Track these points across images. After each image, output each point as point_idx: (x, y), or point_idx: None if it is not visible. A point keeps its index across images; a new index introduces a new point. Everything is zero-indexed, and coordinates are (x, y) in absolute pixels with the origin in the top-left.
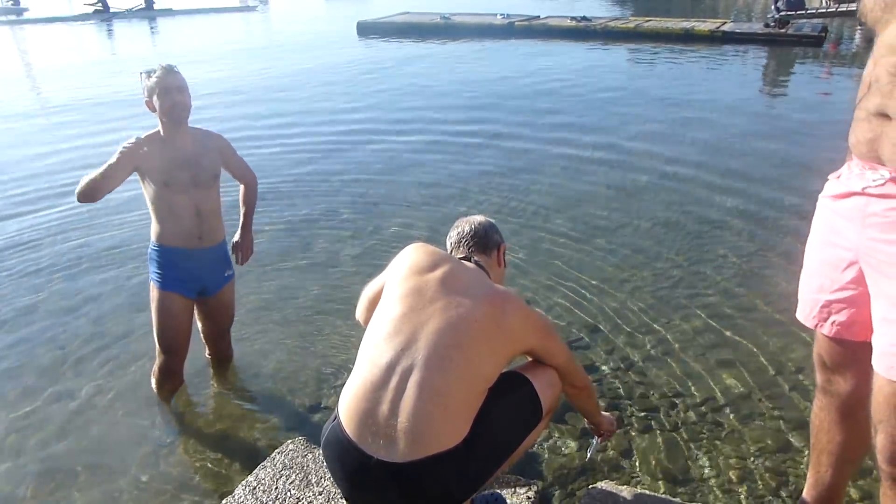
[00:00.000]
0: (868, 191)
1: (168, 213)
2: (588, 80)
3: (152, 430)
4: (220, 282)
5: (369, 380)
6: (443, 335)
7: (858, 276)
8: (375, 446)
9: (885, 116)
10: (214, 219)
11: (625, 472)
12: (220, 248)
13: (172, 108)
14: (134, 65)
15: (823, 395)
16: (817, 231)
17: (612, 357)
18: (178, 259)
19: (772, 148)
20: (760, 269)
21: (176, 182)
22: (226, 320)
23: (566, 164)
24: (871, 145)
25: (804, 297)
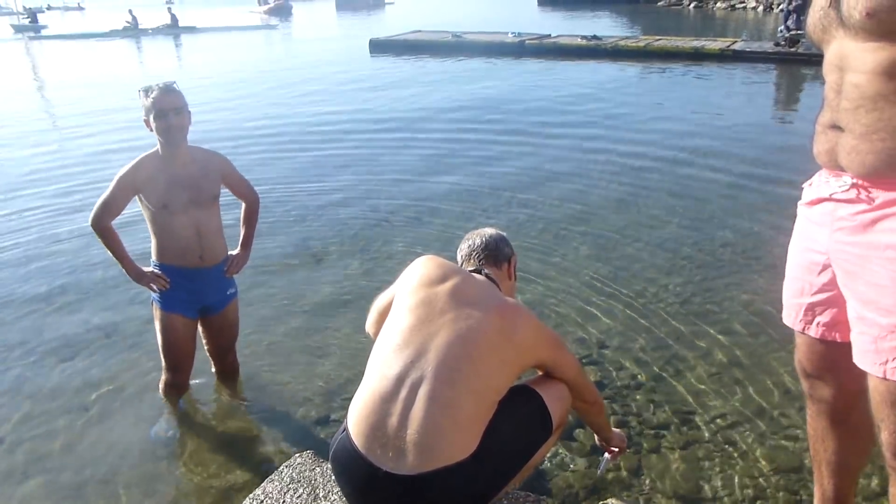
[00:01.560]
0: (835, 196)
1: (168, 234)
2: (599, 97)
3: (158, 442)
4: (224, 300)
5: (378, 392)
6: (453, 347)
7: (833, 278)
8: (384, 458)
9: (838, 128)
10: (215, 238)
11: (634, 490)
12: (222, 267)
13: (168, 131)
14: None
15: (812, 403)
16: (795, 237)
17: (622, 374)
18: (180, 279)
19: (785, 167)
20: (771, 286)
21: (175, 203)
22: (230, 338)
23: (577, 181)
24: (830, 155)
25: (787, 302)
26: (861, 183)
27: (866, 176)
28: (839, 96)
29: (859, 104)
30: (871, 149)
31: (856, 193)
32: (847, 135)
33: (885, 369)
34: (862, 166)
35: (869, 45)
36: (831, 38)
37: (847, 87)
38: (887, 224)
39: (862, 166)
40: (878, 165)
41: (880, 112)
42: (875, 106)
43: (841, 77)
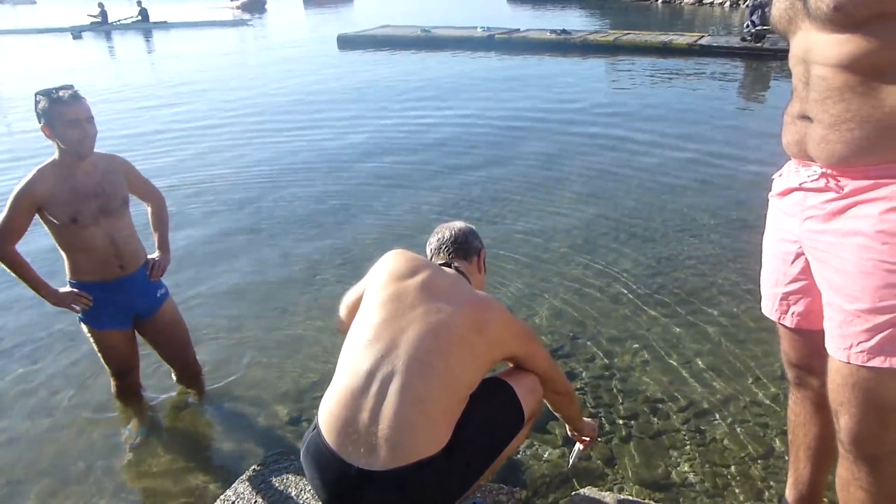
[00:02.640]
0: (805, 186)
1: (82, 249)
2: (567, 90)
3: (127, 445)
4: (155, 303)
5: (349, 387)
6: (423, 341)
7: (806, 266)
8: (356, 455)
9: (807, 119)
10: (132, 243)
11: (607, 479)
12: (144, 271)
13: (82, 142)
14: (142, 80)
15: (797, 390)
16: (768, 228)
17: (594, 364)
18: (103, 294)
19: (750, 156)
20: (741, 274)
21: (84, 215)
22: (178, 339)
23: (546, 174)
24: (799, 145)
25: (765, 293)
26: (830, 172)
27: (835, 165)
28: (807, 87)
29: (827, 95)
30: (839, 138)
31: (825, 182)
32: (816, 125)
33: (848, 354)
34: (831, 156)
35: (835, 38)
36: (797, 29)
37: (814, 78)
38: (856, 211)
39: (831, 156)
40: (847, 154)
41: (847, 103)
42: (842, 97)
43: (807, 69)
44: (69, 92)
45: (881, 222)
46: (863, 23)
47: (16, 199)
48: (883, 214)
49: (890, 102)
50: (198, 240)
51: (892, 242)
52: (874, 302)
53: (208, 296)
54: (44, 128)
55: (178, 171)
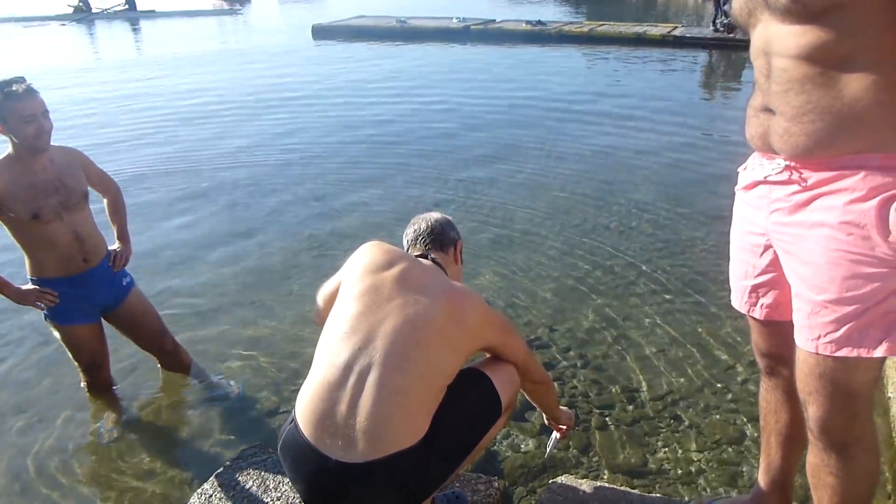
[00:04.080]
0: (770, 179)
1: (44, 245)
2: (545, 81)
3: (103, 441)
4: (121, 292)
5: (326, 380)
6: (401, 333)
7: (774, 259)
8: (334, 447)
9: (770, 111)
10: (95, 236)
11: (584, 466)
12: (106, 261)
13: (39, 136)
14: (127, 69)
15: (768, 379)
16: (735, 221)
17: (570, 354)
18: (68, 288)
19: (723, 147)
20: (714, 264)
21: (46, 211)
22: (150, 326)
23: (523, 166)
24: (763, 139)
25: (734, 285)
26: (793, 164)
27: (798, 157)
28: (769, 80)
29: (788, 87)
30: (802, 130)
31: (789, 175)
32: (779, 117)
33: (816, 344)
34: (795, 148)
35: (794, 29)
36: (757, 22)
37: (775, 70)
38: (820, 203)
39: (795, 148)
40: (810, 146)
41: (808, 94)
42: (803, 89)
43: (768, 61)
44: (23, 86)
45: (845, 213)
46: (821, 13)
47: None
48: (847, 205)
49: (849, 93)
50: (169, 232)
51: (857, 233)
52: (841, 293)
53: (181, 289)
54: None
55: (149, 162)
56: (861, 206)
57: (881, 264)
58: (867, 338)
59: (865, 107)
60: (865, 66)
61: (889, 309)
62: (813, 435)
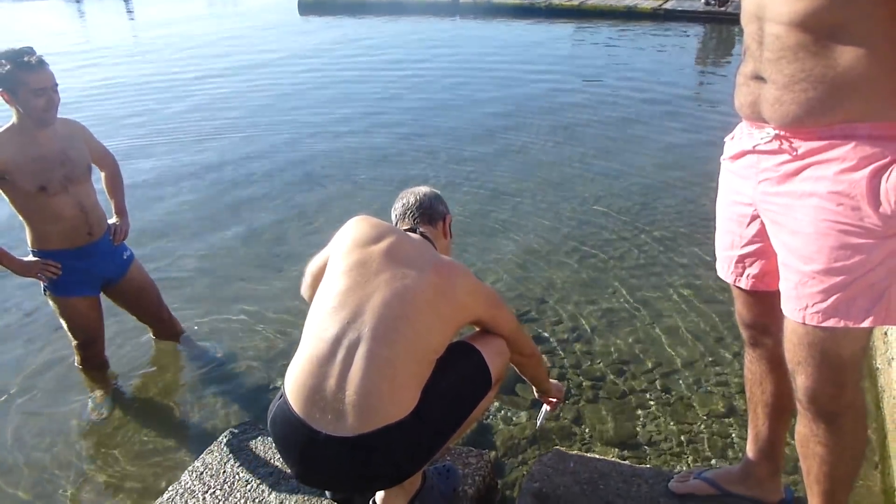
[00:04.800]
0: (759, 148)
1: (50, 217)
2: (536, 55)
3: (92, 421)
4: (123, 265)
5: (315, 355)
6: (389, 307)
7: (761, 229)
8: (323, 422)
9: (760, 79)
10: (99, 209)
11: (575, 439)
12: (108, 234)
13: (49, 109)
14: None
15: (752, 349)
16: (722, 191)
17: (560, 328)
18: (70, 261)
19: (710, 120)
20: (703, 236)
21: (53, 184)
22: (149, 300)
23: (512, 137)
24: (753, 107)
25: (720, 256)
26: (783, 134)
27: (789, 126)
28: (761, 47)
29: (781, 55)
30: (794, 99)
31: (778, 144)
32: (770, 86)
33: (804, 314)
34: (785, 117)
35: None
36: None
37: (768, 37)
38: (810, 173)
39: (785, 117)
40: (801, 115)
41: (802, 62)
42: (796, 56)
43: (761, 27)
44: (35, 58)
45: (835, 183)
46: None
47: None
48: (837, 175)
49: (843, 62)
50: (158, 210)
51: (847, 203)
52: (829, 263)
53: (171, 266)
54: (2, 93)
55: (136, 136)
56: (851, 175)
57: (869, 235)
58: (854, 308)
59: (858, 76)
60: (859, 36)
61: (876, 280)
62: (802, 405)
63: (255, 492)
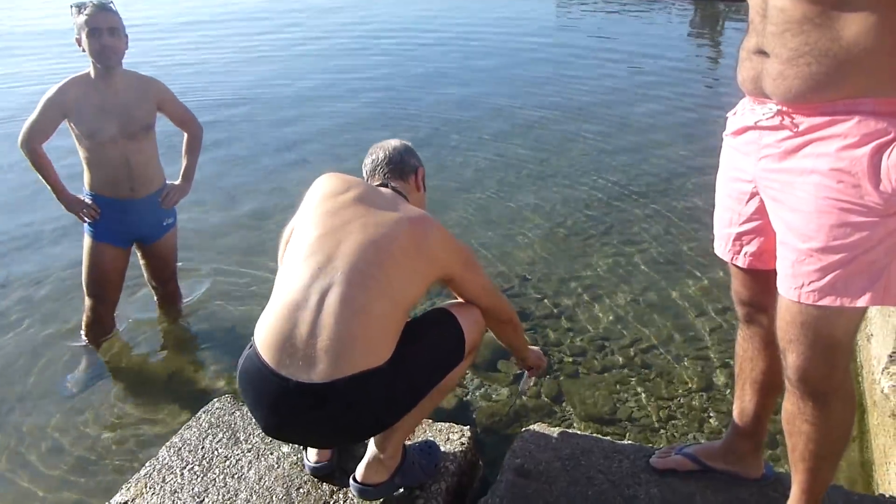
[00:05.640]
0: (760, 124)
1: (97, 164)
2: (517, 23)
3: (73, 392)
4: (159, 231)
5: (286, 302)
6: (362, 253)
7: (761, 206)
8: (294, 368)
9: (763, 53)
10: (148, 168)
11: (556, 415)
12: (157, 197)
13: (101, 52)
14: None
15: (746, 326)
16: (722, 168)
17: (542, 304)
18: (111, 209)
19: (695, 96)
20: (686, 213)
21: (103, 134)
22: (166, 269)
23: (496, 104)
24: (755, 82)
25: (718, 233)
26: (786, 110)
27: (792, 101)
28: (765, 20)
29: (786, 28)
30: (797, 74)
31: (780, 120)
32: (773, 60)
33: (799, 293)
34: (788, 92)
35: None
36: None
37: (772, 10)
38: (811, 149)
39: (788, 92)
40: (804, 91)
41: (806, 36)
42: (801, 29)
43: (765, 0)
44: (95, 1)
45: (837, 160)
46: None
47: (45, 103)
48: (839, 152)
49: (848, 35)
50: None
51: (847, 181)
52: (828, 241)
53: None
54: (76, 39)
55: None
56: (853, 152)
57: (870, 213)
58: (851, 287)
59: (863, 50)
60: (865, 8)
61: (874, 258)
62: (791, 383)
63: (234, 468)
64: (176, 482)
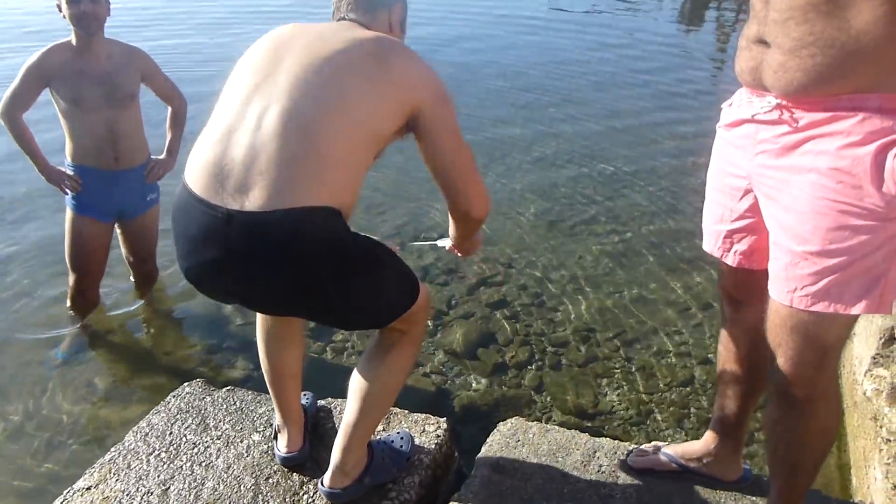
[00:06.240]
0: (757, 118)
1: (80, 133)
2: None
3: (45, 365)
4: (141, 206)
5: (217, 127)
6: (311, 67)
7: (754, 204)
8: (226, 197)
9: (764, 43)
10: (133, 139)
11: (535, 406)
12: (141, 170)
13: (81, 18)
14: None
15: (731, 325)
16: (714, 161)
17: (526, 292)
18: (94, 181)
19: (685, 84)
20: (672, 205)
21: (86, 100)
22: (146, 246)
23: (489, 86)
24: (754, 73)
25: (707, 229)
26: (785, 103)
27: (793, 95)
28: (766, 7)
29: (789, 16)
30: (799, 65)
31: (779, 114)
32: (774, 50)
33: (791, 297)
34: (790, 84)
35: None
36: None
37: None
38: (811, 146)
39: (790, 84)
40: (806, 83)
41: (811, 24)
42: (806, 18)
43: None
44: None
45: (837, 159)
46: None
47: (26, 71)
48: (840, 150)
49: (857, 24)
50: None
51: (848, 181)
52: (824, 244)
53: None
54: (56, 4)
55: None
56: (855, 151)
57: (870, 216)
58: (846, 293)
59: (872, 41)
60: None
61: (872, 264)
62: (776, 387)
63: (202, 455)
64: (141, 468)
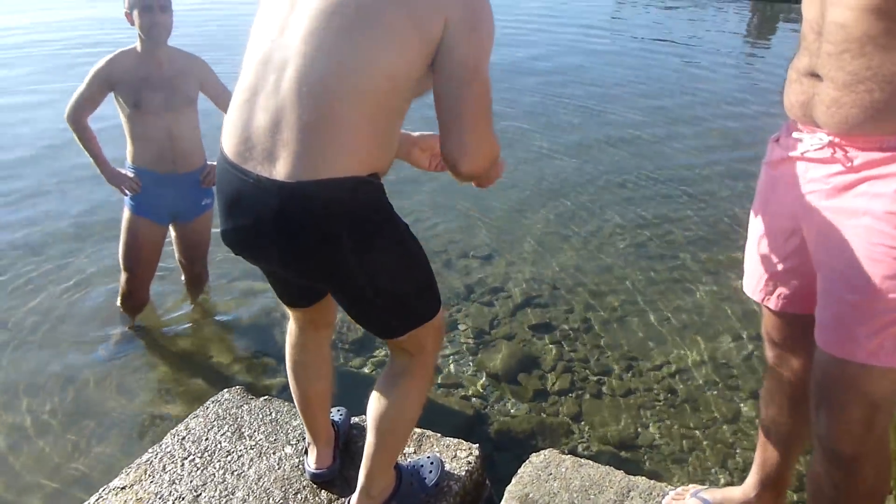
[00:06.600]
0: (807, 155)
1: (140, 135)
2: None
3: (106, 354)
4: (196, 210)
5: (243, 87)
6: (324, 13)
7: (801, 246)
8: (255, 163)
9: (816, 76)
10: (190, 143)
11: (573, 436)
12: (198, 175)
13: (152, 28)
14: None
15: (775, 371)
16: (759, 198)
17: (572, 316)
18: (152, 183)
19: (752, 106)
20: (728, 233)
21: (147, 104)
22: (198, 250)
23: (533, 115)
24: (804, 108)
25: (749, 270)
26: (839, 141)
27: (846, 133)
28: (820, 38)
29: (844, 48)
30: (855, 101)
31: (832, 153)
32: (827, 84)
33: (841, 349)
34: (844, 122)
35: None
36: None
37: (830, 26)
38: (866, 188)
39: (844, 122)
40: (862, 121)
41: (868, 59)
42: (863, 51)
43: (822, 14)
44: None
45: (895, 202)
46: None
47: (92, 75)
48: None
49: None
50: None
51: None
52: (878, 293)
53: None
54: (126, 13)
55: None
56: None
57: None
58: None
59: None
60: None
61: None
62: (821, 441)
63: (235, 464)
64: (175, 472)
